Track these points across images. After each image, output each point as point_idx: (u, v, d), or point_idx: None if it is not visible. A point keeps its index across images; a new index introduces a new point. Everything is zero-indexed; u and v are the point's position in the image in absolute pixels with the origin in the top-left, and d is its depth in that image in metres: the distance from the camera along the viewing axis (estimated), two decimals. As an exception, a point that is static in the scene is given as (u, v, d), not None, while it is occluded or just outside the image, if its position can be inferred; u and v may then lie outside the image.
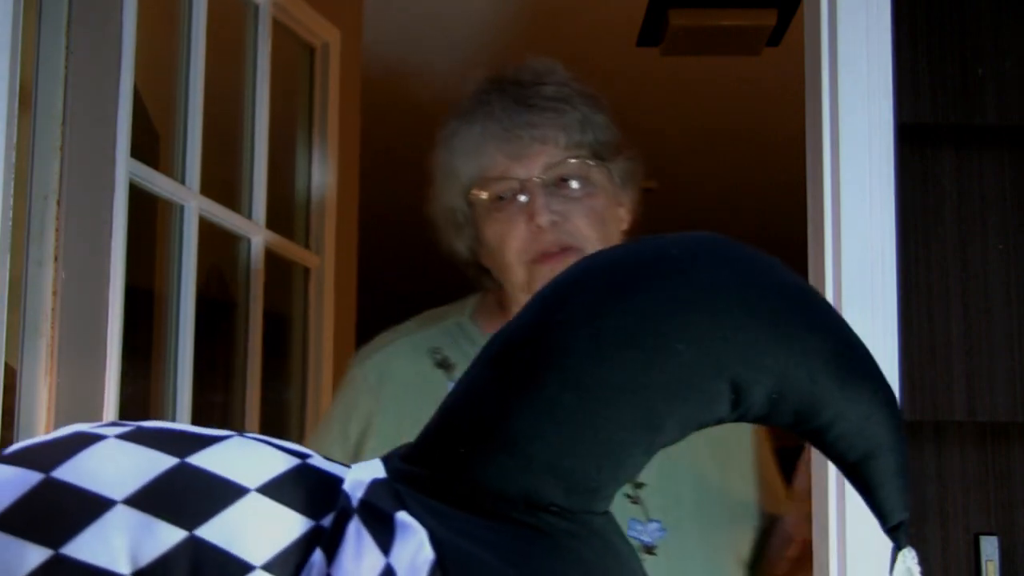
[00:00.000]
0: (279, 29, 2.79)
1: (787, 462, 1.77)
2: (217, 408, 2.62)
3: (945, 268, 1.72)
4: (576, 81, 1.84)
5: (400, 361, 1.82)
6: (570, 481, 0.99)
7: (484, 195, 1.78)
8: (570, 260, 1.76)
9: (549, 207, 1.75)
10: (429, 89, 4.27)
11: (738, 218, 6.09)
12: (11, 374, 1.74)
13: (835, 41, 1.70)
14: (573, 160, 1.78)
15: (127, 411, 1.97)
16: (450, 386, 1.78)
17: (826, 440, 1.04)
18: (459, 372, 1.79)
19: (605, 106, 1.85)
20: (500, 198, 1.77)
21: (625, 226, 1.86)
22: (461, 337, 1.85)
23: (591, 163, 1.79)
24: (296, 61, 2.94)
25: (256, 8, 2.70)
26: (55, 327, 1.77)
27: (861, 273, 1.67)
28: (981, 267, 1.72)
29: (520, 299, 1.81)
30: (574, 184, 1.78)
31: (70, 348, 1.79)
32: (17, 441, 1.72)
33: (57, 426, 1.74)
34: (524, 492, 0.99)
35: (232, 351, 2.65)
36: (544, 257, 1.76)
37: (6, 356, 1.63)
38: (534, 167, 1.76)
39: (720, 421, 1.03)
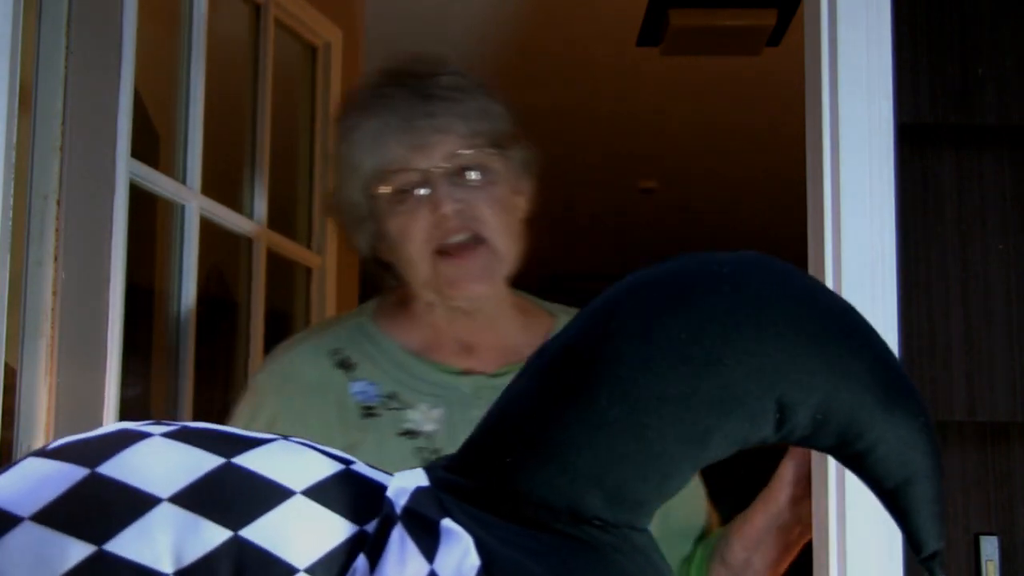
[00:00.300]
0: (281, 29, 2.79)
1: (773, 462, 1.76)
2: (218, 408, 2.62)
3: (945, 268, 1.72)
4: (470, 72, 1.85)
5: (302, 364, 1.83)
6: (615, 494, 0.99)
7: (386, 189, 1.79)
8: (477, 257, 1.77)
9: (452, 196, 1.76)
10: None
11: (738, 218, 6.09)
12: (11, 374, 1.74)
13: (835, 41, 1.70)
14: (473, 149, 1.78)
15: (127, 411, 1.97)
16: (351, 385, 1.81)
17: (866, 464, 1.04)
18: (359, 371, 1.82)
19: (500, 95, 1.85)
20: (402, 191, 1.78)
21: (523, 215, 1.86)
22: (362, 337, 1.85)
23: (491, 151, 1.80)
24: (298, 61, 2.94)
25: (258, 8, 2.70)
26: (55, 327, 1.77)
27: (861, 273, 1.66)
28: (981, 267, 1.72)
29: (424, 295, 1.82)
30: (475, 174, 1.78)
31: (70, 348, 1.79)
32: (17, 441, 1.72)
33: (57, 426, 1.75)
34: (569, 504, 0.98)
35: (233, 351, 2.65)
36: (450, 253, 1.77)
37: (6, 356, 1.63)
38: (435, 157, 1.77)
39: (764, 441, 1.03)
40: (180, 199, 2.32)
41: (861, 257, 1.66)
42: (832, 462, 1.62)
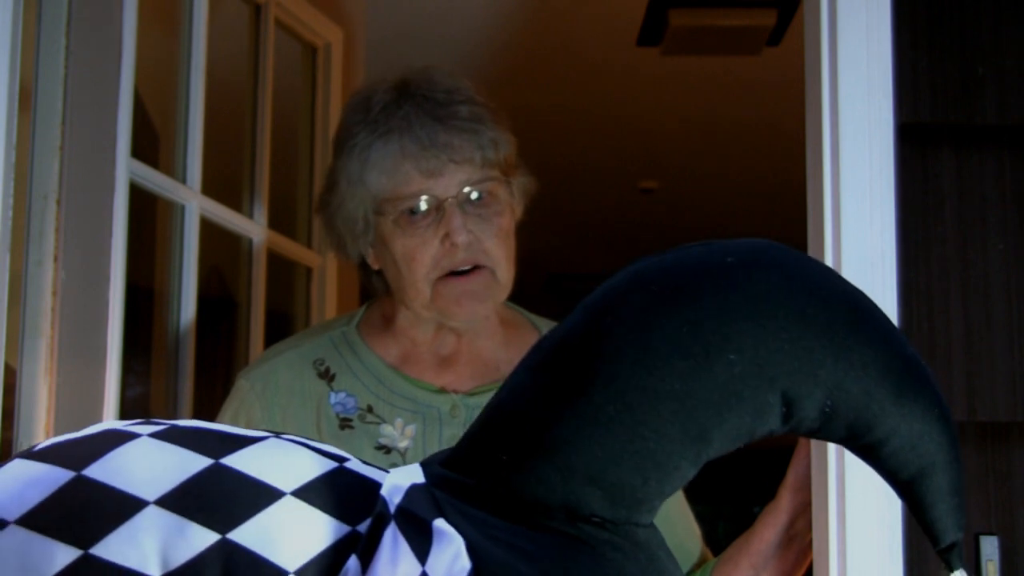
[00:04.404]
0: (281, 29, 2.79)
1: (782, 462, 1.76)
2: (218, 409, 2.62)
3: (945, 268, 1.71)
4: (481, 95, 1.86)
5: (285, 372, 1.84)
6: (613, 492, 0.97)
7: (397, 209, 1.80)
8: (480, 279, 1.80)
9: (464, 226, 1.78)
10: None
11: (738, 218, 6.09)
12: (11, 374, 1.74)
13: (835, 41, 1.70)
14: (487, 180, 1.81)
15: (127, 411, 1.97)
16: (331, 396, 1.82)
17: (879, 456, 1.02)
18: (339, 382, 1.83)
19: (506, 121, 1.87)
20: (412, 212, 1.79)
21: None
22: (344, 347, 1.87)
23: (500, 181, 1.83)
24: (298, 61, 2.95)
25: (258, 8, 2.70)
26: (55, 327, 1.77)
27: (861, 273, 1.66)
28: (981, 267, 1.72)
29: (420, 313, 1.83)
30: (485, 202, 1.81)
31: (70, 348, 1.79)
32: (17, 441, 1.72)
33: (57, 426, 1.75)
34: (565, 502, 0.97)
35: (233, 351, 2.65)
36: (452, 275, 1.79)
37: (6, 356, 1.63)
38: (451, 185, 1.79)
39: (771, 433, 1.00)
40: (180, 199, 2.32)
41: (861, 257, 1.66)
42: (832, 463, 1.62)
